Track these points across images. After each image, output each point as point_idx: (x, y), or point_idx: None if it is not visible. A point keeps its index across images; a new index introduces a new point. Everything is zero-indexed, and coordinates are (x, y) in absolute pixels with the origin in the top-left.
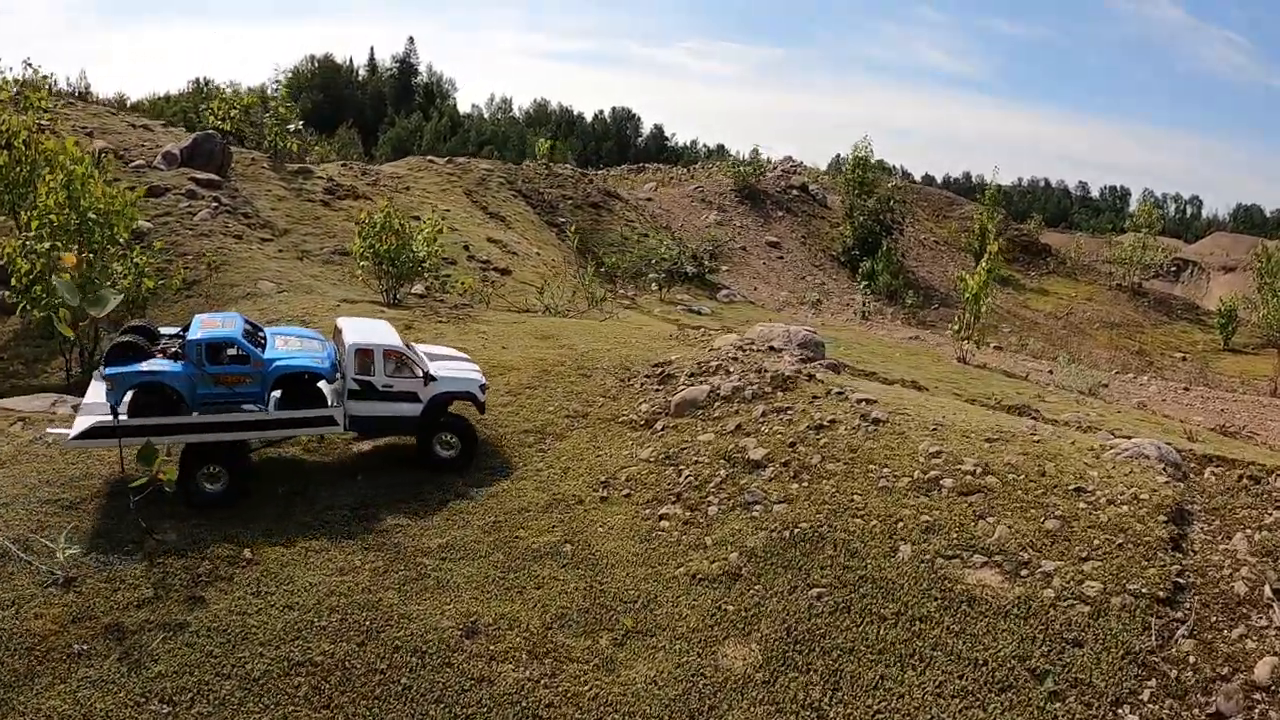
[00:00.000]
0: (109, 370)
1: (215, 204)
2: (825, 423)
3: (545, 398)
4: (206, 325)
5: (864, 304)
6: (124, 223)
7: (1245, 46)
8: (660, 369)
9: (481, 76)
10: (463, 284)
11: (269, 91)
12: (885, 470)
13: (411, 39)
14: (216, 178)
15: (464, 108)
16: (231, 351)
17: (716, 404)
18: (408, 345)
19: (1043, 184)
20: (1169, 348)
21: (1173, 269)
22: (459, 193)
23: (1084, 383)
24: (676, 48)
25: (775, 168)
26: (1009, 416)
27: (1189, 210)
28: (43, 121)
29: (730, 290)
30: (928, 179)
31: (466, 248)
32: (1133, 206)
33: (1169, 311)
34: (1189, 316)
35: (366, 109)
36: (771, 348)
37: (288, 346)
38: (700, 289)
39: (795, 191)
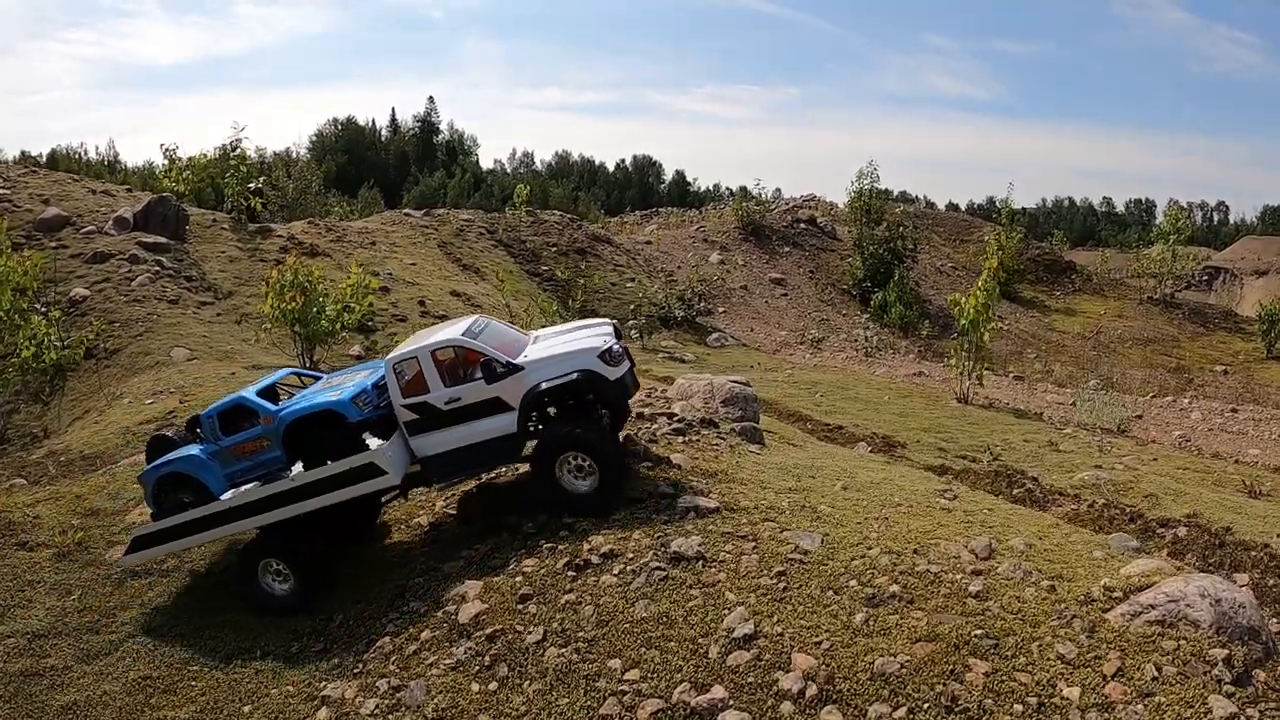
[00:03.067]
0: (141, 475)
1: (157, 268)
2: (596, 559)
3: None
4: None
5: (867, 339)
6: (5, 294)
7: (1254, 44)
8: None
9: (503, 133)
10: (395, 342)
11: (231, 152)
12: (628, 679)
13: (431, 98)
14: (166, 241)
15: (486, 164)
16: (246, 415)
17: None
18: (529, 337)
19: (1066, 203)
20: (1209, 361)
21: (1204, 277)
22: (432, 245)
23: (1109, 417)
24: (695, 93)
25: (784, 203)
26: (968, 513)
27: (1215, 217)
28: None
29: (722, 333)
30: (951, 206)
31: (422, 303)
32: (1159, 218)
33: (1205, 322)
34: (1227, 326)
35: (390, 169)
36: (640, 414)
37: (326, 386)
38: (689, 334)
39: (803, 225)
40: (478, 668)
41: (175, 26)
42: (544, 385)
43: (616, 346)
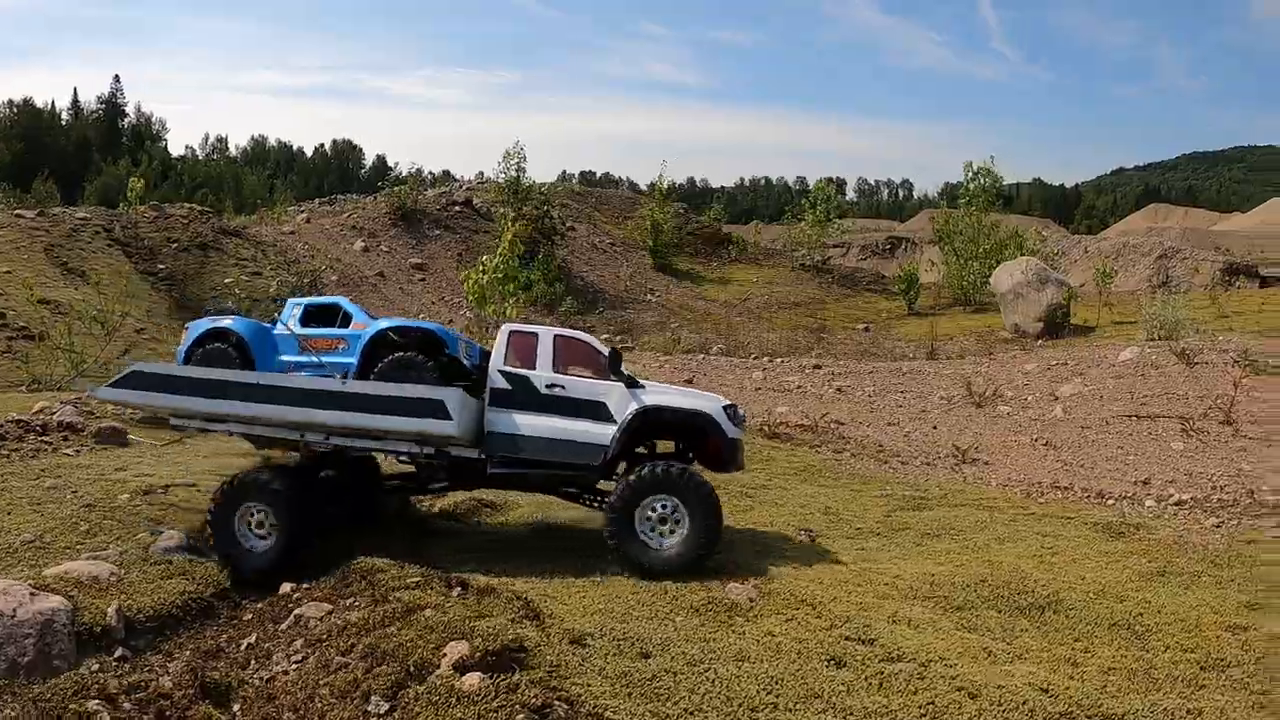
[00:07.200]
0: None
1: None
2: None
3: None
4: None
5: (484, 318)
6: None
7: (944, 41)
8: None
9: (204, 116)
10: None
11: None
12: None
13: (117, 77)
14: None
15: (177, 149)
16: (332, 318)
17: None
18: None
19: (764, 182)
20: (852, 320)
21: (888, 246)
22: (38, 249)
23: None
24: (411, 77)
25: (438, 185)
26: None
27: (901, 193)
28: None
29: None
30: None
31: (1, 315)
32: (850, 195)
33: (854, 285)
34: (875, 288)
35: (70, 157)
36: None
37: None
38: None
39: (458, 208)
40: None
41: None
42: (663, 406)
43: (741, 411)
